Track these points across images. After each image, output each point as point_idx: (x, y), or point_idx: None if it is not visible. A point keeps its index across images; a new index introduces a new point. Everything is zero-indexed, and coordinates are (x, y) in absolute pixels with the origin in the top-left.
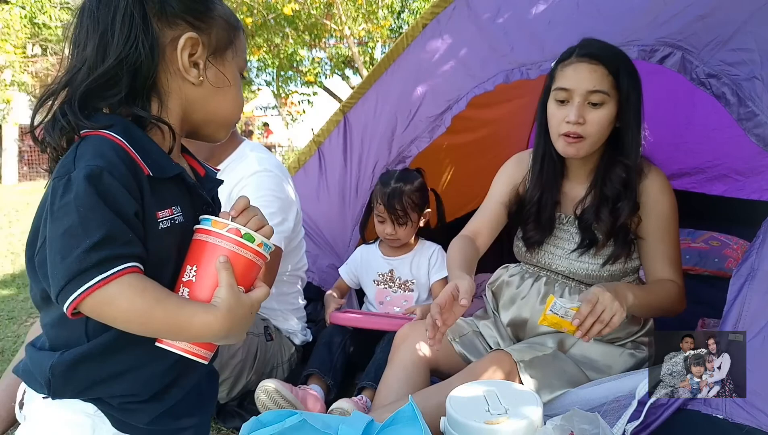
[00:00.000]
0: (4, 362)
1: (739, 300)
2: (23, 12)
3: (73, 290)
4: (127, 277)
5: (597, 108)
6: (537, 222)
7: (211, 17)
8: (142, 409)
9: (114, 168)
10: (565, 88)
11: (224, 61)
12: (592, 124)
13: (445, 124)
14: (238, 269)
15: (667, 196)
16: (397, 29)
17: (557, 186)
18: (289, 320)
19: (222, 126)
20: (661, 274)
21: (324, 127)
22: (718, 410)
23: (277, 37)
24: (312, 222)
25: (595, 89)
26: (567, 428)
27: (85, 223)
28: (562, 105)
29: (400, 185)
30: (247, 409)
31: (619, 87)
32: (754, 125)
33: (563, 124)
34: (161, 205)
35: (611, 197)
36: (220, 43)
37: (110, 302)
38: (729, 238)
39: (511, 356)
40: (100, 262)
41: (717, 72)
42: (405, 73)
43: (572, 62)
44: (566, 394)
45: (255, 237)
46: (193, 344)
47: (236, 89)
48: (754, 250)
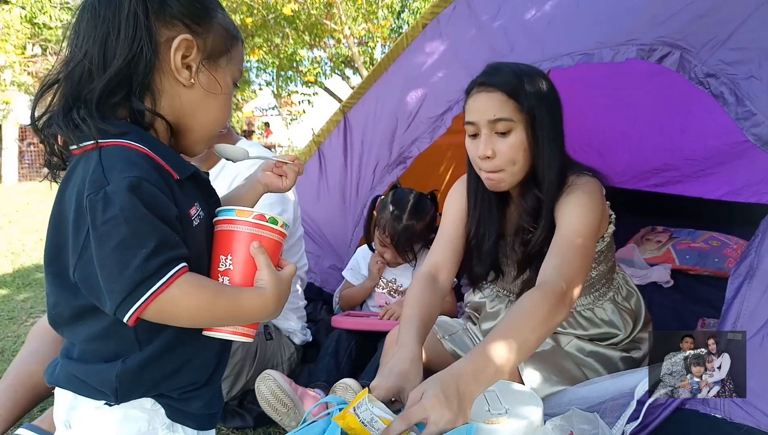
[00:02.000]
0: (4, 362)
1: (737, 299)
2: (23, 12)
3: (136, 299)
4: (184, 276)
5: (505, 136)
6: (478, 256)
7: (209, 23)
8: (198, 396)
9: (150, 176)
10: (471, 121)
11: (217, 68)
12: (503, 154)
13: (446, 124)
14: (270, 251)
15: (581, 207)
16: (397, 29)
17: (496, 217)
18: (288, 320)
19: (204, 136)
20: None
21: (324, 127)
22: (716, 410)
23: (277, 37)
24: (312, 222)
25: (496, 118)
26: (567, 428)
27: (139, 234)
28: (474, 139)
29: (412, 223)
30: (248, 409)
31: (523, 108)
32: (751, 124)
33: (477, 159)
34: (189, 203)
35: (524, 228)
36: (215, 49)
37: (175, 303)
38: (729, 238)
39: None
40: (159, 268)
41: (715, 71)
42: (405, 73)
43: (473, 93)
44: (565, 392)
45: (278, 219)
46: (240, 326)
47: (226, 98)
48: (753, 249)
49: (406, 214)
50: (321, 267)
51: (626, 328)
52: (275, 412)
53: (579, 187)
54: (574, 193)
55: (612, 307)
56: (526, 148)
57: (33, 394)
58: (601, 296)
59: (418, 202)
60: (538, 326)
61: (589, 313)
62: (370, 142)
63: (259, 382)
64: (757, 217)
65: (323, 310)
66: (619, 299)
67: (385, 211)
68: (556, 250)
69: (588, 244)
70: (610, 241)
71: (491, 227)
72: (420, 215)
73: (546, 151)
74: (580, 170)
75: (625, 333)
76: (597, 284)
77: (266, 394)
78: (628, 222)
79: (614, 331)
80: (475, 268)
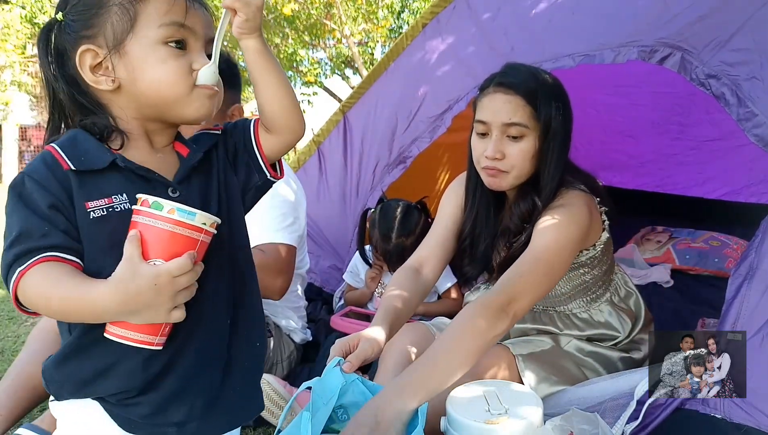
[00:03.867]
0: (4, 362)
1: (738, 299)
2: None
3: (8, 287)
4: (42, 266)
5: (517, 141)
6: (471, 257)
7: (99, 14)
8: (138, 403)
9: (34, 171)
10: (482, 120)
11: (126, 50)
12: (512, 158)
13: (446, 124)
14: (150, 240)
15: (558, 226)
16: (397, 29)
17: (492, 217)
18: (289, 318)
19: (178, 101)
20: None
21: (324, 127)
22: (716, 410)
23: (277, 37)
24: (312, 222)
25: (511, 122)
26: (566, 428)
27: (8, 225)
28: (483, 138)
29: (401, 241)
30: None
31: (540, 117)
32: (753, 125)
33: (483, 159)
34: (92, 196)
35: (511, 232)
36: (116, 34)
37: (27, 291)
38: (729, 238)
39: (508, 349)
40: (17, 257)
41: (717, 72)
42: (405, 73)
43: (489, 92)
44: (565, 392)
45: (163, 204)
46: (130, 330)
47: (158, 63)
48: (753, 249)
49: (395, 233)
50: (321, 267)
51: (624, 328)
52: (272, 415)
53: (563, 205)
54: (556, 210)
55: (609, 308)
56: (534, 156)
57: (33, 394)
58: (597, 298)
59: (405, 217)
60: (475, 338)
61: (586, 315)
62: (370, 141)
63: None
64: (757, 217)
65: (323, 310)
66: (616, 300)
67: (374, 229)
68: (517, 264)
69: (556, 259)
70: (604, 246)
71: (488, 229)
72: (408, 230)
73: (553, 161)
74: (573, 182)
75: (624, 334)
76: (593, 287)
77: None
78: (628, 222)
79: (612, 332)
80: (466, 268)
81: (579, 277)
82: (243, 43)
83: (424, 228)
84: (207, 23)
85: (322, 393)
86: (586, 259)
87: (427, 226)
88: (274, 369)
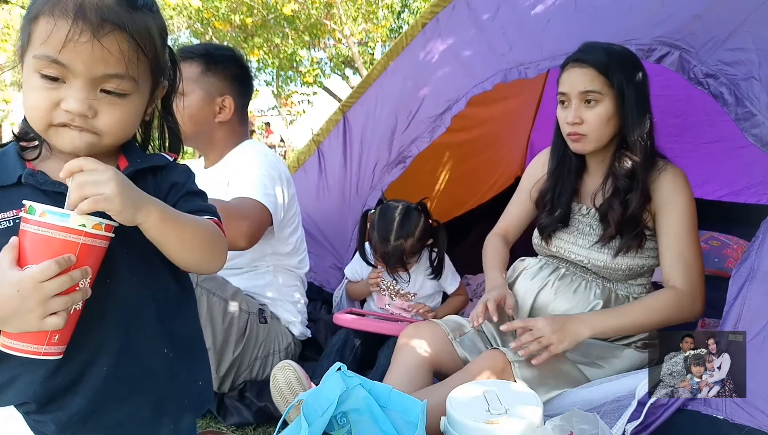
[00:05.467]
0: None
1: (739, 300)
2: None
3: None
4: None
5: (593, 106)
6: (551, 211)
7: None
8: (44, 418)
9: None
10: (562, 92)
11: (24, 64)
12: (589, 122)
13: (445, 123)
14: (27, 245)
15: (682, 194)
16: (397, 29)
17: (573, 179)
18: (287, 311)
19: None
20: (670, 278)
21: (323, 127)
22: (718, 410)
23: (276, 37)
24: (312, 221)
25: (586, 90)
26: (566, 428)
27: None
28: (564, 107)
29: (400, 243)
30: (247, 405)
31: (612, 83)
32: (751, 125)
33: (566, 126)
34: (2, 207)
35: (621, 189)
36: (22, 48)
37: None
38: (729, 238)
39: (504, 355)
40: None
41: (715, 72)
42: (404, 72)
43: (567, 68)
44: (565, 394)
45: (36, 208)
46: (13, 340)
47: (29, 90)
48: (754, 250)
49: (393, 235)
50: (321, 266)
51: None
52: (285, 403)
53: (677, 175)
54: (677, 180)
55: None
56: (611, 118)
57: None
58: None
59: (404, 218)
60: (654, 320)
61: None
62: (369, 141)
63: (277, 371)
64: (757, 217)
65: (323, 309)
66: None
67: (373, 231)
68: (678, 249)
69: (697, 237)
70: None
71: (568, 185)
72: (408, 231)
73: (634, 120)
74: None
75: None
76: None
77: (281, 384)
78: None
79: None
80: (544, 220)
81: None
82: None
83: (423, 229)
84: (94, 59)
85: (316, 405)
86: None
87: (427, 228)
88: (272, 359)
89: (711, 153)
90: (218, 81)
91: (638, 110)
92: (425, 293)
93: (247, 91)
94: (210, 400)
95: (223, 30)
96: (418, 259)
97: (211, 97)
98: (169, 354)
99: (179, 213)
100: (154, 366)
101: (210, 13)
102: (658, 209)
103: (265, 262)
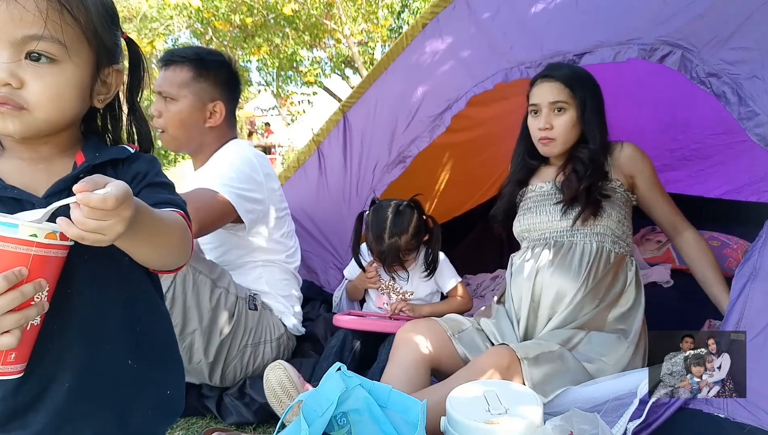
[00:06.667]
0: None
1: (741, 300)
2: None
3: None
4: None
5: (560, 114)
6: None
7: None
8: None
9: None
10: (534, 103)
11: None
12: (558, 127)
13: (445, 123)
14: None
15: (641, 158)
16: (397, 29)
17: (523, 172)
18: (277, 301)
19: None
20: (681, 226)
21: (323, 127)
22: (719, 409)
23: (277, 37)
24: (312, 221)
25: (555, 100)
26: (566, 428)
27: None
28: (535, 116)
29: (395, 240)
30: (247, 403)
31: (576, 96)
32: (754, 124)
33: (537, 131)
34: None
35: (579, 170)
36: None
37: None
38: (729, 238)
39: (512, 351)
40: None
41: (717, 71)
42: (405, 72)
43: (537, 84)
44: (567, 392)
45: None
46: None
47: None
48: (756, 250)
49: (387, 233)
50: (321, 267)
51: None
52: (280, 404)
53: (633, 147)
54: (635, 151)
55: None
56: (575, 124)
57: None
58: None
59: (396, 216)
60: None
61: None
62: (369, 141)
63: (269, 371)
64: (758, 216)
65: (322, 308)
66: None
67: (368, 231)
68: (662, 192)
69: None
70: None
71: (513, 176)
72: (401, 228)
73: (593, 126)
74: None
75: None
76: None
77: (273, 384)
78: None
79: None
80: (494, 211)
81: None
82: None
83: (417, 226)
84: (12, 19)
85: (316, 405)
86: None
87: (421, 224)
88: (263, 347)
89: (713, 149)
90: (209, 87)
91: (597, 116)
92: (423, 293)
93: (236, 95)
94: (181, 407)
95: (223, 30)
96: (417, 256)
97: (203, 103)
98: (133, 365)
99: (153, 214)
100: (119, 379)
101: (210, 13)
102: (635, 179)
103: (252, 257)
